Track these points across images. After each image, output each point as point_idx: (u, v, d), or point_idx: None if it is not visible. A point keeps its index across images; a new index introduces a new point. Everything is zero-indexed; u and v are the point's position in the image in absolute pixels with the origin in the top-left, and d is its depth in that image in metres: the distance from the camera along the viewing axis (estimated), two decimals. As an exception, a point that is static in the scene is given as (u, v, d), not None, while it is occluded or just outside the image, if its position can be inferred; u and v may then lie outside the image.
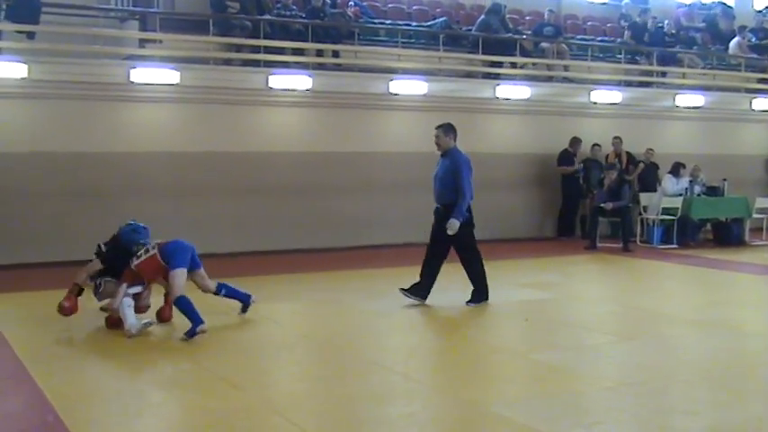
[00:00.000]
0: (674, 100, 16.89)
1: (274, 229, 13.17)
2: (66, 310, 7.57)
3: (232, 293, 8.12)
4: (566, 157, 15.52)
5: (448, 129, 9.05)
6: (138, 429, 5.08)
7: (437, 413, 5.48)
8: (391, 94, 13.96)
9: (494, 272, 9.95)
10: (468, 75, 15.34)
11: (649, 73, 17.42)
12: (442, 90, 14.40)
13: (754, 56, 19.25)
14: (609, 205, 14.19)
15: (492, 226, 15.15)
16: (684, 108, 16.99)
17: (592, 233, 14.46)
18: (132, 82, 12.13)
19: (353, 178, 13.89)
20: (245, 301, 8.15)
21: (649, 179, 15.93)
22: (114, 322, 7.54)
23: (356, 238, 13.73)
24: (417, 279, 8.86)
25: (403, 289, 8.85)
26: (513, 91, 15.05)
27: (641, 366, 6.63)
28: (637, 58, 17.82)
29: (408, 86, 14.05)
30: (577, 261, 13.24)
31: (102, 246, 7.77)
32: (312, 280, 10.66)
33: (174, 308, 7.57)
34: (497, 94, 14.90)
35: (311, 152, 13.50)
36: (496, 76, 15.28)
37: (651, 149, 16.13)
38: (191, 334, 7.16)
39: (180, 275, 7.44)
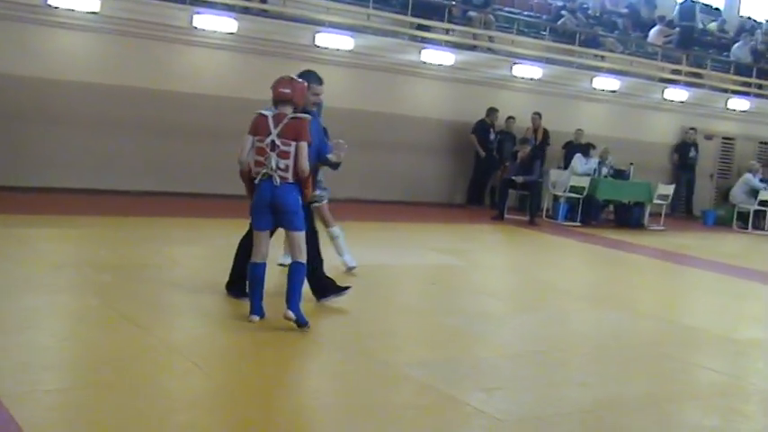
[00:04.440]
0: (591, 82, 17.28)
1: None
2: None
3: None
4: (481, 127, 15.74)
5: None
6: (37, 362, 4.98)
7: (344, 367, 5.57)
8: (316, 46, 13.86)
9: (404, 234, 10.15)
10: (395, 35, 15.35)
11: (571, 52, 17.76)
12: (369, 48, 14.38)
13: (671, 46, 19.85)
14: (520, 178, 14.50)
15: (403, 188, 15.37)
16: (600, 91, 17.42)
17: (500, 204, 14.76)
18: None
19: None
20: None
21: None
22: None
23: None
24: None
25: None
26: (438, 56, 15.13)
27: (540, 337, 6.87)
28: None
29: (334, 40, 13.96)
30: (484, 230, 13.53)
31: None
32: (220, 226, 10.60)
33: None
34: (422, 58, 14.97)
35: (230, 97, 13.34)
36: (422, 40, 15.34)
37: (581, 130, 16.50)
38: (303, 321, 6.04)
39: None
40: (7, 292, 6.41)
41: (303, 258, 6.09)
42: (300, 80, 6.05)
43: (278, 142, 5.82)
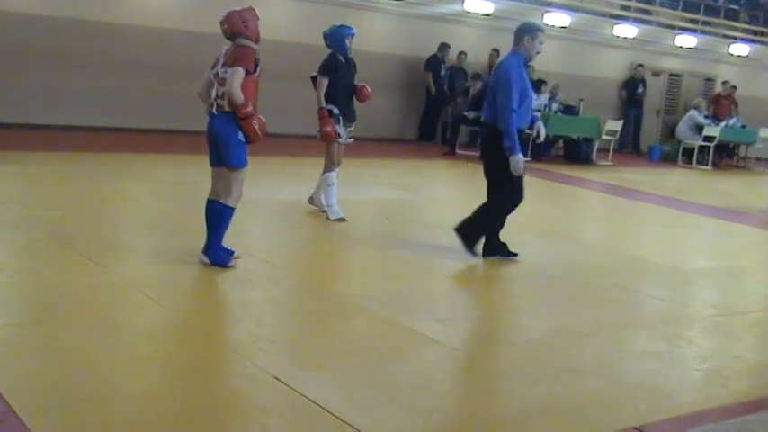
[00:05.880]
0: (542, 17, 17.25)
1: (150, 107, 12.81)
2: (330, 134, 7.71)
3: None
4: (433, 62, 15.69)
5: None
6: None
7: (300, 299, 5.62)
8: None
9: (356, 170, 10.14)
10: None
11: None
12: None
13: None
14: (471, 114, 14.53)
15: (357, 125, 15.26)
16: (551, 26, 17.39)
17: (452, 140, 14.82)
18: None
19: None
20: None
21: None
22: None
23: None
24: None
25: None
26: (389, -10, 14.98)
27: (492, 269, 6.96)
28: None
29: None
30: (436, 166, 13.59)
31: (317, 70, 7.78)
32: (174, 162, 10.50)
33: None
34: (372, -8, 14.82)
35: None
36: (373, -27, 15.18)
37: (531, 65, 16.47)
38: (219, 263, 5.89)
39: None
40: (-46, 229, 6.31)
41: (228, 200, 5.79)
42: (236, 9, 5.76)
43: (220, 71, 5.69)
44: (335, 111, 7.81)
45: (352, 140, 8.12)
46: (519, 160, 6.70)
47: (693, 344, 5.45)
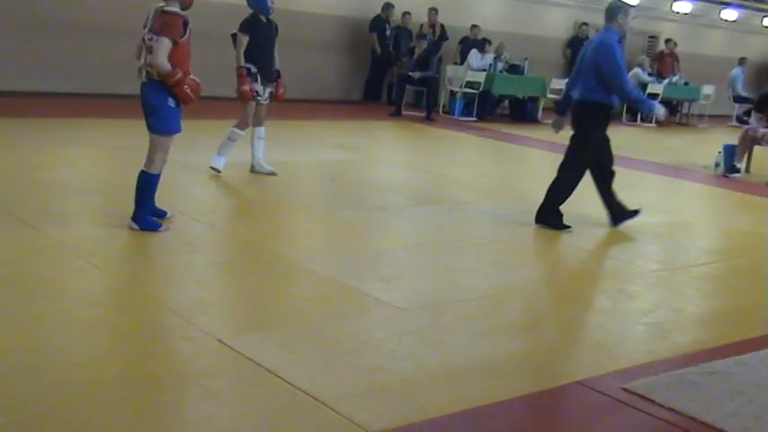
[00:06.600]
0: (484, -24, 17.23)
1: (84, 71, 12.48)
2: (247, 94, 7.63)
3: None
4: (378, 23, 15.55)
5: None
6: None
7: (244, 262, 5.57)
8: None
9: (301, 131, 10.06)
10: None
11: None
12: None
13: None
14: (417, 74, 14.49)
15: (301, 86, 15.12)
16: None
17: (398, 100, 14.76)
18: None
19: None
20: None
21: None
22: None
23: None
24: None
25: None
26: (332, -52, 14.77)
27: (438, 228, 6.98)
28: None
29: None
30: (382, 126, 13.54)
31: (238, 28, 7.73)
32: (114, 126, 10.29)
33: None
34: (315, -50, 14.59)
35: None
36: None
37: (477, 25, 16.45)
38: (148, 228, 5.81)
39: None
40: None
41: (150, 168, 5.74)
42: None
43: (147, 37, 5.58)
44: (253, 69, 7.71)
45: (269, 101, 8.02)
46: (659, 108, 7.33)
47: (636, 298, 5.54)
